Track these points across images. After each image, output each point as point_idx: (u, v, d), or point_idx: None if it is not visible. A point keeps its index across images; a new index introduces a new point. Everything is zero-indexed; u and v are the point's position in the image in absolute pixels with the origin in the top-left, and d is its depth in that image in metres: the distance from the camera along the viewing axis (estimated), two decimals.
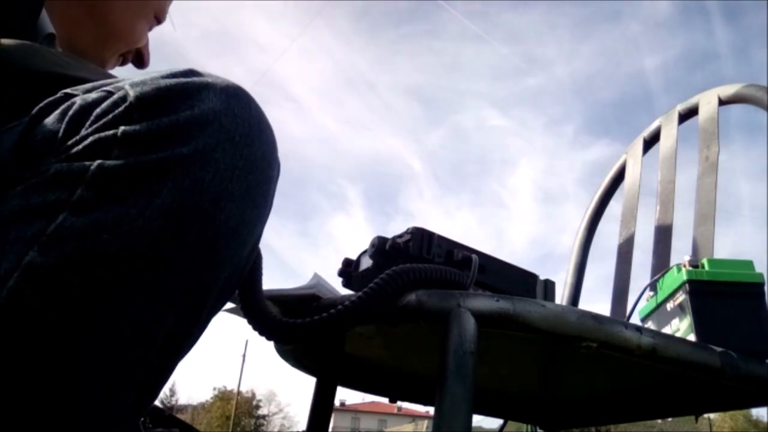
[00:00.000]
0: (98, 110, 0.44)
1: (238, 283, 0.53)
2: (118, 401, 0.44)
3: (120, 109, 0.43)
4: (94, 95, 0.45)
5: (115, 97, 0.44)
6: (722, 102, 1.09)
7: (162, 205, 0.42)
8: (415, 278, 0.59)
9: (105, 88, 0.46)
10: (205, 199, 0.43)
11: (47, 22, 0.71)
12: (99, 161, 0.42)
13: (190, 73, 0.47)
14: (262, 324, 0.60)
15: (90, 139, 0.42)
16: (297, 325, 0.58)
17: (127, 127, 0.42)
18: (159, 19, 0.90)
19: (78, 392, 0.42)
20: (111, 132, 0.42)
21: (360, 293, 0.58)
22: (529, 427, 1.17)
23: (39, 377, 0.40)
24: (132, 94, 0.44)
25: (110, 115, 0.43)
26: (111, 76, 0.53)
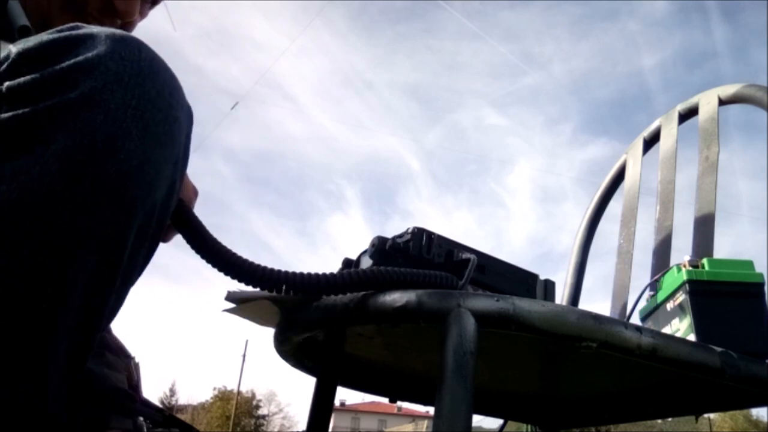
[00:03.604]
0: None
1: (160, 229, 0.54)
2: (50, 348, 0.45)
3: (3, 66, 0.45)
4: None
5: (0, 57, 0.46)
6: (722, 102, 1.09)
7: (57, 150, 0.44)
8: (392, 280, 0.60)
9: None
10: (99, 139, 0.45)
11: (20, 15, 0.71)
12: None
13: (75, 27, 0.49)
14: (221, 260, 0.60)
15: None
16: (257, 268, 0.59)
17: (11, 82, 0.45)
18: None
19: (4, 340, 0.43)
20: None
21: (337, 273, 0.60)
22: (529, 427, 1.16)
23: None
24: (14, 51, 0.46)
25: None
26: None
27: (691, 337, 0.73)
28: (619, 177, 1.30)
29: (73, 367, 0.49)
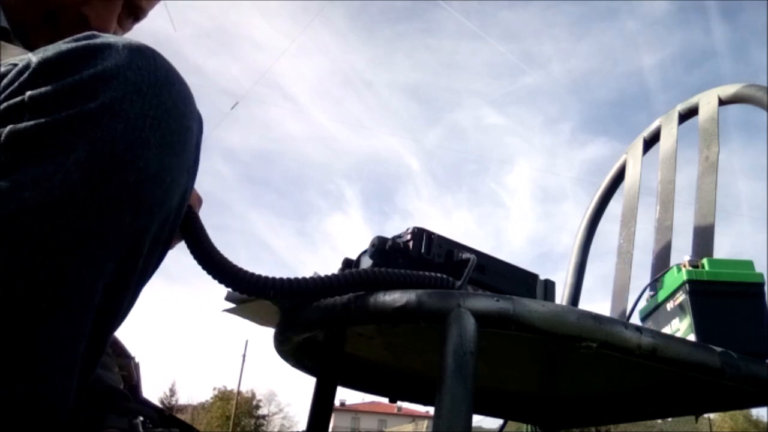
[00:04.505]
0: (5, 81, 0.47)
1: (171, 236, 0.55)
2: (58, 349, 0.46)
3: (24, 76, 0.46)
4: (1, 69, 0.48)
5: (20, 66, 0.47)
6: (722, 102, 1.09)
7: (78, 158, 0.44)
8: (386, 282, 0.59)
9: (11, 62, 0.48)
10: (119, 148, 0.46)
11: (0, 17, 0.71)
12: (10, 126, 0.44)
13: (92, 36, 0.49)
14: (221, 271, 0.60)
15: (0, 107, 0.45)
16: (253, 277, 0.59)
17: (33, 91, 0.45)
18: (137, 15, 0.88)
19: (27, 345, 0.44)
20: (19, 98, 0.45)
21: (331, 275, 0.61)
22: (529, 427, 1.16)
23: None
24: (35, 60, 0.46)
25: (16, 83, 0.46)
26: None
27: (691, 337, 0.73)
28: (619, 177, 1.30)
29: (84, 368, 0.50)
